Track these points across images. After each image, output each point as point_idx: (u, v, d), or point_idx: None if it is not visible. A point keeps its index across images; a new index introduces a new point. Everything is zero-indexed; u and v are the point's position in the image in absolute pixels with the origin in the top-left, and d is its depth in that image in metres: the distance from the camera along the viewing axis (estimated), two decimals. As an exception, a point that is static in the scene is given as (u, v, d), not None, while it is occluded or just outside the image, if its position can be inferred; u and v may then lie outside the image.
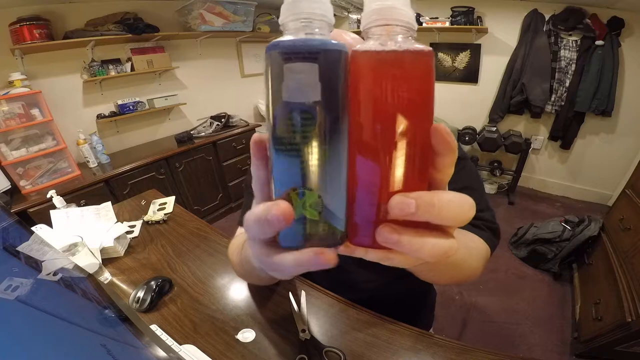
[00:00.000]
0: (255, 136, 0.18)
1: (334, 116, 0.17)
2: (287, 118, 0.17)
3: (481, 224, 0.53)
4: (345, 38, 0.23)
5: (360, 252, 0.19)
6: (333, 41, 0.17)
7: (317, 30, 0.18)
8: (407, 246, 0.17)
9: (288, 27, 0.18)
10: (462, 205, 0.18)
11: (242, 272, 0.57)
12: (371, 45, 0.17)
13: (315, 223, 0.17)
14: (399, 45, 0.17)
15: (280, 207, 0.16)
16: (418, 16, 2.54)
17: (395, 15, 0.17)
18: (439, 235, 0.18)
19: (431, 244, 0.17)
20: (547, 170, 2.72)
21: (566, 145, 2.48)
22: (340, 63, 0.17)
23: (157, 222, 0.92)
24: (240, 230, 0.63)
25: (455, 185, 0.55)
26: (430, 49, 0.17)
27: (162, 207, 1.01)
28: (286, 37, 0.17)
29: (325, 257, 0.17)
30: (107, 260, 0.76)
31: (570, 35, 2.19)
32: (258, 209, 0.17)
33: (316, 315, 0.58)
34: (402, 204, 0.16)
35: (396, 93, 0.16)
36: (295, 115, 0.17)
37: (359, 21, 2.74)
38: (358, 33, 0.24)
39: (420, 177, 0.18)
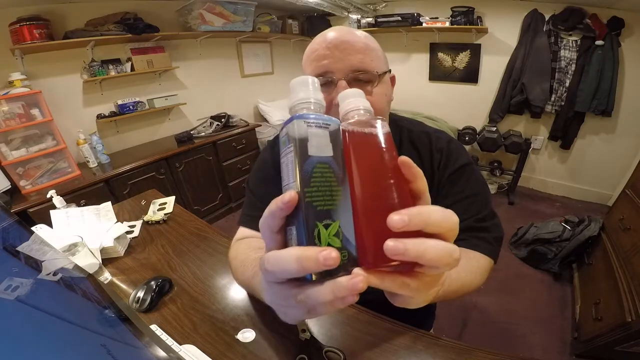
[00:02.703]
0: (291, 195, 0.21)
1: (344, 169, 0.24)
2: (313, 167, 0.23)
3: (488, 237, 0.55)
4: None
5: (375, 281, 0.21)
6: (333, 118, 0.25)
7: (320, 111, 0.27)
8: (413, 251, 0.19)
9: (296, 108, 0.26)
10: (444, 212, 0.22)
11: (246, 288, 0.59)
12: (351, 125, 0.26)
13: (337, 250, 0.20)
14: (370, 126, 0.26)
15: (332, 252, 0.19)
16: (418, 16, 2.54)
17: (360, 105, 0.28)
18: (438, 239, 0.21)
19: (433, 245, 0.20)
20: (547, 170, 2.72)
21: (566, 145, 2.48)
22: (339, 131, 0.25)
23: (157, 222, 0.92)
24: (241, 233, 0.63)
25: (462, 194, 0.55)
26: (387, 130, 0.26)
27: (162, 207, 1.01)
28: (304, 113, 0.25)
29: (358, 280, 0.19)
30: (107, 260, 0.76)
31: (570, 35, 2.19)
32: (298, 251, 0.20)
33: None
34: (398, 218, 0.19)
35: (368, 157, 0.25)
36: (319, 165, 0.23)
37: (359, 21, 2.74)
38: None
39: (406, 200, 0.23)
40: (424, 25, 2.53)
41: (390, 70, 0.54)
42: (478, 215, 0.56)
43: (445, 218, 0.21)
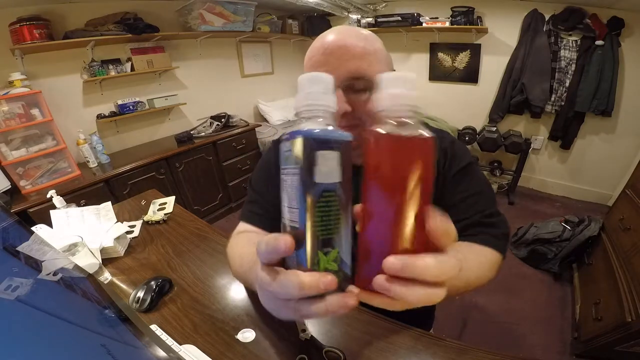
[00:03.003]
0: (287, 244, 0.21)
1: (349, 192, 0.22)
2: (319, 196, 0.21)
3: (497, 232, 0.55)
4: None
5: (366, 298, 0.23)
6: (344, 133, 0.22)
7: (330, 120, 0.23)
8: (397, 292, 0.21)
9: (304, 115, 0.23)
10: (441, 269, 0.21)
11: (241, 280, 0.59)
12: (391, 134, 0.21)
13: (334, 273, 0.22)
14: (415, 131, 0.21)
15: (332, 280, 0.21)
16: (418, 16, 2.54)
17: (406, 102, 0.22)
18: (426, 286, 0.21)
19: (416, 293, 0.21)
20: (547, 170, 2.72)
21: (566, 145, 2.48)
22: (350, 150, 0.22)
23: (157, 222, 0.92)
24: (242, 227, 0.63)
25: (467, 192, 0.55)
26: (432, 135, 0.21)
27: (162, 207, 1.01)
28: (310, 127, 0.22)
29: (350, 299, 0.22)
30: (107, 260, 0.76)
31: (570, 35, 2.19)
32: (299, 278, 0.21)
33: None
34: (392, 264, 0.21)
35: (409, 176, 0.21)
36: (325, 193, 0.21)
37: (358, 21, 2.74)
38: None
39: (417, 242, 0.22)
40: (424, 25, 2.53)
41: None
42: (485, 212, 0.56)
43: (440, 273, 0.21)
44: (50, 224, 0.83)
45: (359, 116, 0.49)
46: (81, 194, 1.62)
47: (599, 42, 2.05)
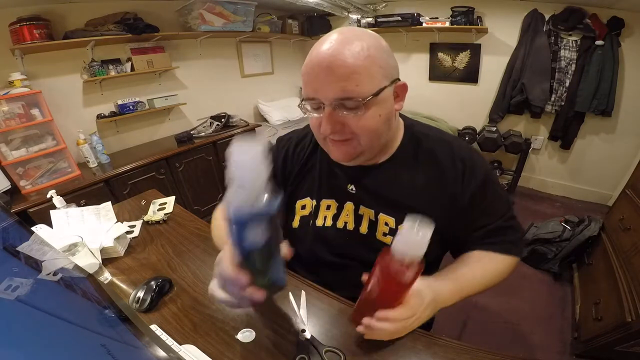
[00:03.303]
0: (243, 279, 0.37)
1: (275, 239, 0.35)
2: (249, 252, 0.33)
3: (514, 238, 0.63)
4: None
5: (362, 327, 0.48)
6: (270, 204, 0.30)
7: (260, 189, 0.29)
8: (370, 334, 0.48)
9: (236, 182, 0.28)
10: (391, 333, 0.49)
11: (218, 244, 0.70)
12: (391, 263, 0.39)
13: (267, 286, 0.39)
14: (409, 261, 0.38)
15: (258, 295, 0.38)
16: (418, 16, 2.54)
17: (408, 252, 0.37)
18: (387, 326, 0.46)
19: (380, 333, 0.48)
20: (547, 170, 2.72)
21: (566, 145, 2.48)
22: (275, 216, 0.31)
23: (157, 222, 0.92)
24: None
25: (490, 200, 0.62)
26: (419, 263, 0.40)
27: (162, 207, 1.01)
28: (239, 200, 0.29)
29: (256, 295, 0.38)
30: (107, 260, 0.76)
31: (570, 35, 2.19)
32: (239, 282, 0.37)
33: (316, 315, 0.58)
34: (368, 320, 0.46)
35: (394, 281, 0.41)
36: (253, 251, 0.33)
37: (358, 21, 2.74)
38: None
39: (387, 304, 0.46)
40: (424, 25, 2.53)
41: (395, 81, 0.51)
42: (505, 215, 0.61)
43: (390, 334, 0.49)
44: (50, 224, 0.83)
45: (352, 130, 0.50)
46: (81, 194, 1.62)
47: (599, 42, 2.05)
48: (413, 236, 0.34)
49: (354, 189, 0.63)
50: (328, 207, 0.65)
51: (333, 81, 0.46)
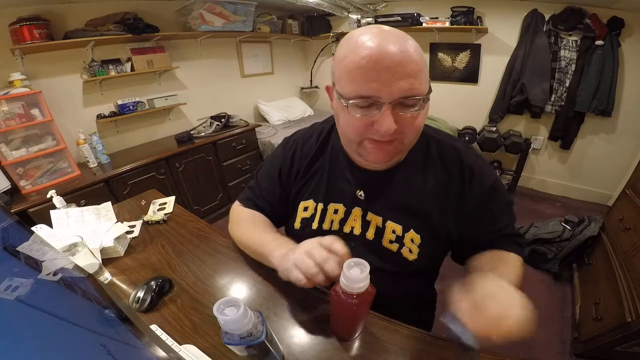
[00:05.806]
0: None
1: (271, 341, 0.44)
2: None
3: (521, 242, 0.65)
4: None
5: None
6: (259, 335, 0.38)
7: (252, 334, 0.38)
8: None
9: (233, 332, 0.37)
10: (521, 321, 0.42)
11: (239, 242, 0.74)
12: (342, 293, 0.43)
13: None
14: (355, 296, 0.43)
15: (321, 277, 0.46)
16: (418, 16, 2.54)
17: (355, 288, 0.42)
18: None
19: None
20: (547, 170, 2.72)
21: (566, 145, 2.48)
22: (264, 343, 0.39)
23: (157, 222, 0.92)
24: (241, 209, 0.77)
25: (498, 208, 0.64)
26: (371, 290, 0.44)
27: (162, 207, 1.01)
28: (234, 341, 0.38)
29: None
30: (107, 260, 0.76)
31: (570, 35, 2.19)
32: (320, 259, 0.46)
33: (316, 315, 0.58)
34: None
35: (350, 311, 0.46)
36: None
37: (358, 21, 2.74)
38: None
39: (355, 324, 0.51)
40: (424, 25, 2.53)
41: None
42: (512, 223, 0.63)
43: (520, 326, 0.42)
44: (50, 224, 0.83)
45: (402, 130, 0.48)
46: (81, 194, 1.62)
47: (599, 42, 2.05)
48: (356, 274, 0.41)
49: (362, 194, 0.63)
50: (335, 212, 0.65)
51: (401, 78, 0.44)
